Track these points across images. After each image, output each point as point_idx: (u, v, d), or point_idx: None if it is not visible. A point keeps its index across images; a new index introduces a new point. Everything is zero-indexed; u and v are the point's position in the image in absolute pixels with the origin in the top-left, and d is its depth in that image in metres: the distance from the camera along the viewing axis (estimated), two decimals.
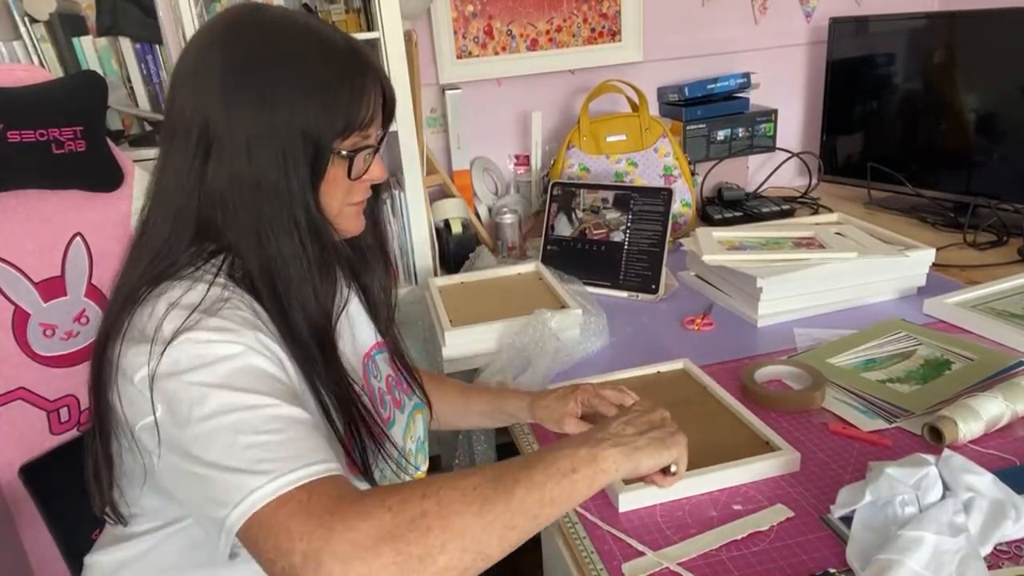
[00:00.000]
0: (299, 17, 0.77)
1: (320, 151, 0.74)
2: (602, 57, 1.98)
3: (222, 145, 0.72)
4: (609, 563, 0.79)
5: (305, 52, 0.73)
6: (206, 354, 0.66)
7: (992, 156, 1.72)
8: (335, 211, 0.79)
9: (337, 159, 0.76)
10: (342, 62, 0.75)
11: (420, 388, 0.99)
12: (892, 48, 1.86)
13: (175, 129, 0.74)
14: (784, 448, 0.91)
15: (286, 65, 0.72)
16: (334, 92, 0.74)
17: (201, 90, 0.72)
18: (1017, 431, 0.95)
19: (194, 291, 0.71)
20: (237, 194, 0.73)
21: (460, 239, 1.79)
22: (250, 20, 0.75)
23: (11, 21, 1.48)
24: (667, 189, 1.55)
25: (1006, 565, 0.73)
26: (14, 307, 1.18)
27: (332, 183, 0.77)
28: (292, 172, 0.73)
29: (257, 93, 0.71)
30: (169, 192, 0.75)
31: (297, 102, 0.72)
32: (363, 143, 0.78)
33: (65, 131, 1.21)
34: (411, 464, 0.91)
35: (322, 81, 0.73)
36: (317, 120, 0.73)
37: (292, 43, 0.73)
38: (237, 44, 0.73)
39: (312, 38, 0.74)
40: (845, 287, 1.34)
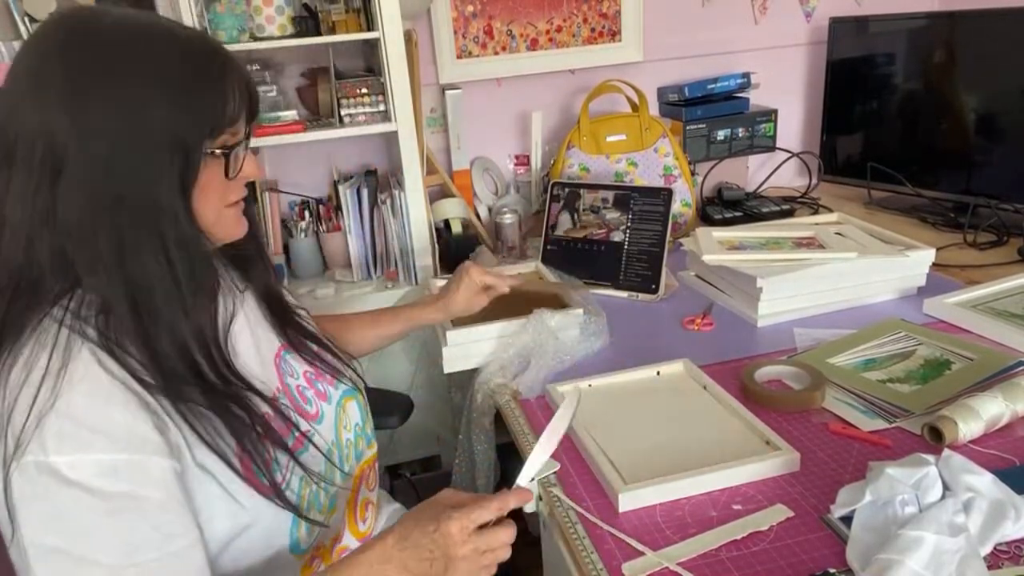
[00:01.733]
0: (142, 16, 0.71)
1: (190, 154, 0.69)
2: (602, 57, 1.98)
3: (74, 164, 0.65)
4: (609, 563, 0.79)
5: (156, 50, 0.68)
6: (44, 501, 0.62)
7: (992, 156, 1.72)
8: (212, 217, 0.74)
9: (211, 160, 0.71)
10: (198, 58, 0.70)
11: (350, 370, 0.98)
12: (892, 48, 1.86)
13: (12, 155, 0.66)
14: (784, 448, 0.91)
15: (139, 67, 0.66)
16: (196, 90, 0.69)
17: (42, 105, 0.65)
18: (1017, 431, 0.95)
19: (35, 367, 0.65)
20: (96, 217, 0.66)
21: (460, 239, 1.79)
22: (88, 23, 0.68)
23: (11, 21, 1.48)
24: (667, 189, 1.55)
25: (1006, 565, 0.73)
26: None
27: (207, 187, 0.72)
28: (158, 181, 0.67)
29: (110, 100, 0.65)
30: (15, 223, 0.67)
31: (158, 105, 0.66)
32: (234, 140, 0.74)
33: None
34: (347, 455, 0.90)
35: (181, 80, 0.68)
36: (182, 122, 0.68)
37: (142, 44, 0.68)
38: (79, 50, 0.66)
39: (162, 36, 0.69)
40: (845, 287, 1.34)
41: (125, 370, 0.67)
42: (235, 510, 0.73)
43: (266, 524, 0.76)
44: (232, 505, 0.72)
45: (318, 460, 0.82)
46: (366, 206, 1.73)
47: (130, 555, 0.64)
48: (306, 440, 0.81)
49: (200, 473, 0.70)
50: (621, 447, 0.96)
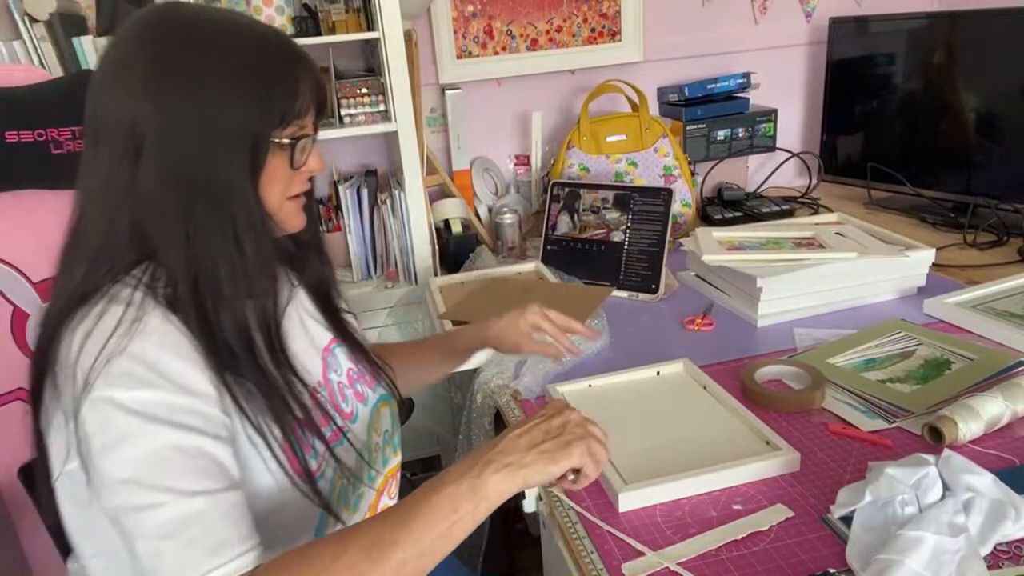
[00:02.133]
0: (221, 11, 0.76)
1: (259, 143, 0.72)
2: (602, 57, 1.98)
3: (153, 145, 0.70)
4: (609, 563, 0.79)
5: (234, 44, 0.72)
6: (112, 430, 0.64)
7: (992, 156, 1.71)
8: (274, 206, 0.77)
9: (277, 150, 0.75)
10: (272, 52, 0.74)
11: (386, 379, 0.98)
12: (892, 48, 1.86)
13: (99, 134, 0.72)
14: (784, 448, 0.91)
15: (216, 58, 0.71)
16: (268, 82, 0.72)
17: (126, 92, 0.70)
18: (1017, 431, 0.95)
19: (108, 316, 0.68)
20: (169, 193, 0.70)
21: (460, 239, 1.79)
22: (172, 17, 0.73)
23: (11, 21, 1.48)
24: (667, 189, 1.55)
25: (1006, 565, 0.73)
26: (13, 307, 1.18)
27: (272, 176, 0.75)
28: (229, 166, 0.71)
29: (188, 88, 0.70)
30: (100, 197, 0.73)
31: (231, 94, 0.70)
32: (301, 132, 0.77)
33: (63, 131, 1.21)
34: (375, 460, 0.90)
35: (255, 72, 0.72)
36: (253, 111, 0.72)
37: (219, 36, 0.72)
38: (162, 41, 0.71)
39: (238, 30, 0.73)
40: (845, 287, 1.34)
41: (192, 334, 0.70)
42: (271, 489, 0.75)
43: (294, 513, 0.77)
44: (270, 483, 0.75)
45: (350, 457, 0.83)
46: (366, 206, 1.73)
47: (197, 483, 0.65)
48: (342, 435, 0.82)
49: (247, 444, 0.73)
50: (621, 447, 0.96)
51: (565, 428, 0.73)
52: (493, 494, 0.68)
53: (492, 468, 0.68)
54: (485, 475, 0.68)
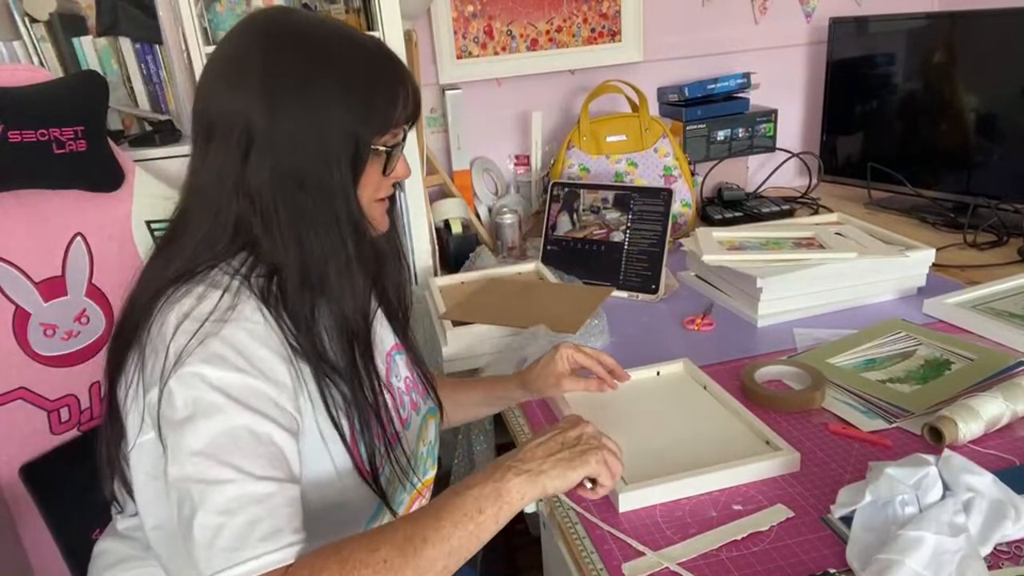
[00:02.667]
0: (327, 20, 0.81)
1: (360, 148, 0.76)
2: (602, 57, 1.98)
3: (264, 143, 0.73)
4: (609, 563, 0.79)
5: (343, 52, 0.76)
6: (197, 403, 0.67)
7: (992, 156, 1.72)
8: (366, 207, 0.81)
9: (374, 155, 0.79)
10: (378, 63, 0.78)
11: (435, 392, 1.00)
12: (892, 48, 1.86)
13: (213, 129, 0.75)
14: (784, 448, 0.91)
15: (327, 66, 0.75)
16: (373, 92, 0.77)
17: (242, 91, 0.74)
18: (1017, 431, 0.95)
19: (206, 300, 0.72)
20: (278, 190, 0.74)
21: (460, 239, 1.79)
22: (285, 22, 0.78)
23: (11, 21, 1.48)
24: (667, 189, 1.55)
25: (1006, 565, 0.73)
26: (15, 307, 1.18)
27: (367, 180, 0.79)
28: (335, 167, 0.75)
29: (300, 92, 0.74)
30: (208, 191, 0.76)
31: (340, 101, 0.74)
32: (394, 141, 0.81)
33: (66, 131, 1.21)
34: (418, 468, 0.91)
35: (362, 81, 0.76)
36: (358, 118, 0.75)
37: (329, 45, 0.76)
38: (276, 47, 0.75)
39: (346, 40, 0.77)
40: (845, 287, 1.34)
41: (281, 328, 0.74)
42: (333, 483, 0.78)
43: (351, 508, 0.79)
44: (333, 477, 0.77)
45: (402, 460, 0.85)
46: None
47: (267, 468, 0.67)
48: (398, 438, 0.84)
49: (317, 439, 0.76)
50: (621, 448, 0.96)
51: (581, 439, 0.76)
52: (515, 498, 0.70)
53: (512, 473, 0.71)
54: (507, 479, 0.70)
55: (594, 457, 0.74)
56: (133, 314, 0.76)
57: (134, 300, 0.77)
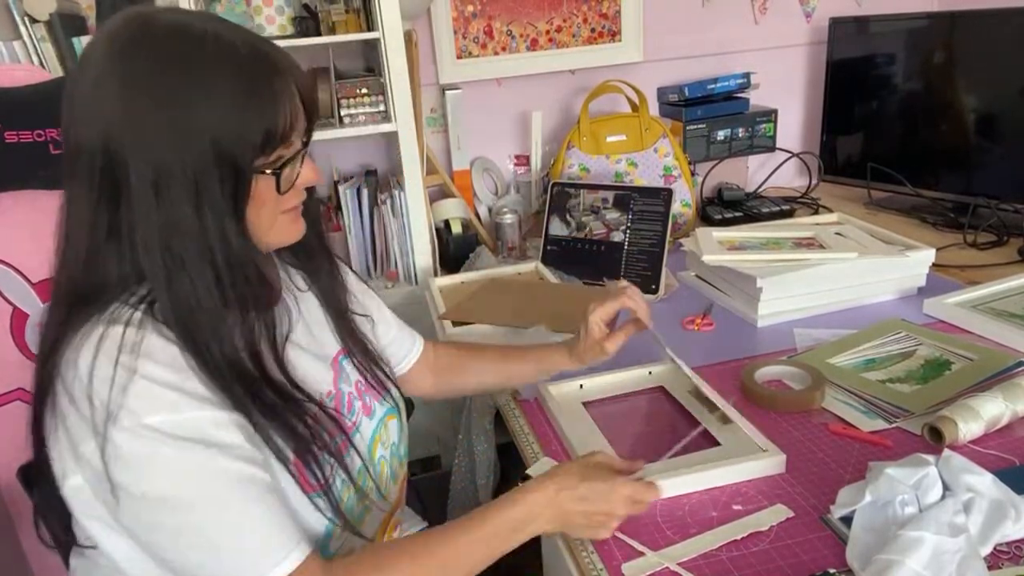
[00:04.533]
0: (195, 22, 0.70)
1: (240, 174, 0.68)
2: (602, 57, 1.98)
3: (129, 185, 0.67)
4: (609, 563, 0.79)
5: (208, 65, 0.67)
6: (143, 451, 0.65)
7: (992, 156, 1.71)
8: (266, 226, 0.75)
9: (262, 177, 0.71)
10: (250, 70, 0.68)
11: (396, 390, 0.97)
12: (892, 48, 1.86)
13: (73, 163, 0.69)
14: (771, 449, 0.91)
15: (188, 83, 0.66)
16: (246, 105, 0.67)
17: (99, 121, 0.67)
18: (1017, 431, 0.95)
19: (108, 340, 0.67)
20: (149, 236, 0.67)
21: (460, 239, 1.79)
22: (143, 35, 0.68)
23: (11, 21, 1.48)
24: (667, 189, 1.55)
25: (1006, 565, 0.73)
26: (12, 308, 1.18)
27: (258, 202, 0.72)
28: (207, 204, 0.67)
29: (161, 120, 0.66)
30: (77, 239, 0.70)
31: (206, 124, 0.66)
32: (288, 154, 0.73)
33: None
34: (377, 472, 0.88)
35: (230, 95, 0.67)
36: (231, 140, 0.67)
37: (191, 58, 0.67)
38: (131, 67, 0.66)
39: (213, 48, 0.68)
40: (845, 287, 1.34)
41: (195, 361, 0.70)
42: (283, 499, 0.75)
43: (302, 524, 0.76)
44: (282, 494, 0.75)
45: (355, 467, 0.82)
46: (366, 206, 1.73)
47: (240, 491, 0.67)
48: (350, 445, 0.82)
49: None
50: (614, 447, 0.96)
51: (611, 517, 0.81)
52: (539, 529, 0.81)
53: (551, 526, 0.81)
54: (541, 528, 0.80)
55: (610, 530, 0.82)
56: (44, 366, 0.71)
57: (41, 352, 0.72)
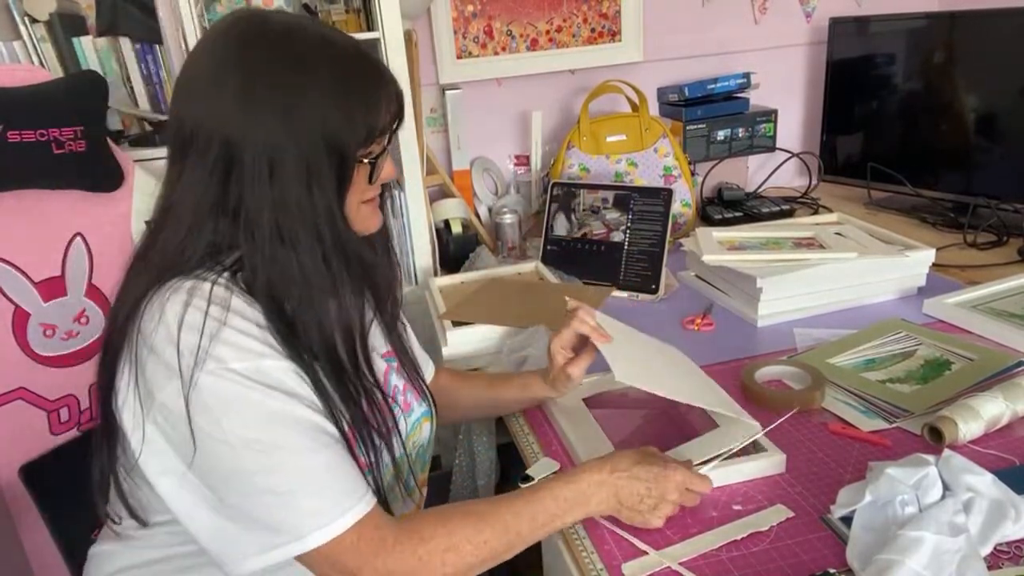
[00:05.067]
0: (306, 25, 0.76)
1: (345, 161, 0.74)
2: (602, 57, 1.98)
3: (243, 163, 0.71)
4: (609, 563, 0.79)
5: (321, 63, 0.73)
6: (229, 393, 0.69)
7: (992, 156, 1.71)
8: (351, 213, 0.79)
9: (359, 168, 0.77)
10: (358, 71, 0.75)
11: (429, 395, 0.99)
12: (892, 48, 1.86)
13: (187, 144, 0.72)
14: (771, 449, 0.91)
15: (304, 78, 0.72)
16: (354, 101, 0.74)
17: (217, 106, 0.71)
18: (1017, 431, 0.95)
19: (197, 295, 0.71)
20: (258, 212, 0.72)
21: (460, 239, 1.79)
22: (260, 32, 0.73)
23: (11, 21, 1.48)
24: (667, 189, 1.55)
25: (1006, 565, 0.73)
26: (14, 307, 1.19)
27: (352, 191, 0.77)
28: (317, 186, 0.72)
29: (278, 108, 0.71)
30: (183, 209, 0.74)
31: (319, 114, 0.72)
32: (379, 148, 0.79)
33: (65, 131, 1.21)
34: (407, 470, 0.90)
35: (342, 91, 0.73)
36: (340, 131, 0.73)
37: (306, 55, 0.73)
38: (251, 60, 0.72)
39: (324, 48, 0.74)
40: (845, 287, 1.34)
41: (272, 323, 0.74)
42: None
43: None
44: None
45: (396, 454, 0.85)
46: None
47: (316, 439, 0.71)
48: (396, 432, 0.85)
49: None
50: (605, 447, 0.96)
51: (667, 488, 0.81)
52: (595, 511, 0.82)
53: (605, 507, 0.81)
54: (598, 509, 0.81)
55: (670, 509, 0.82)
56: (118, 324, 0.74)
57: (116, 312, 0.75)
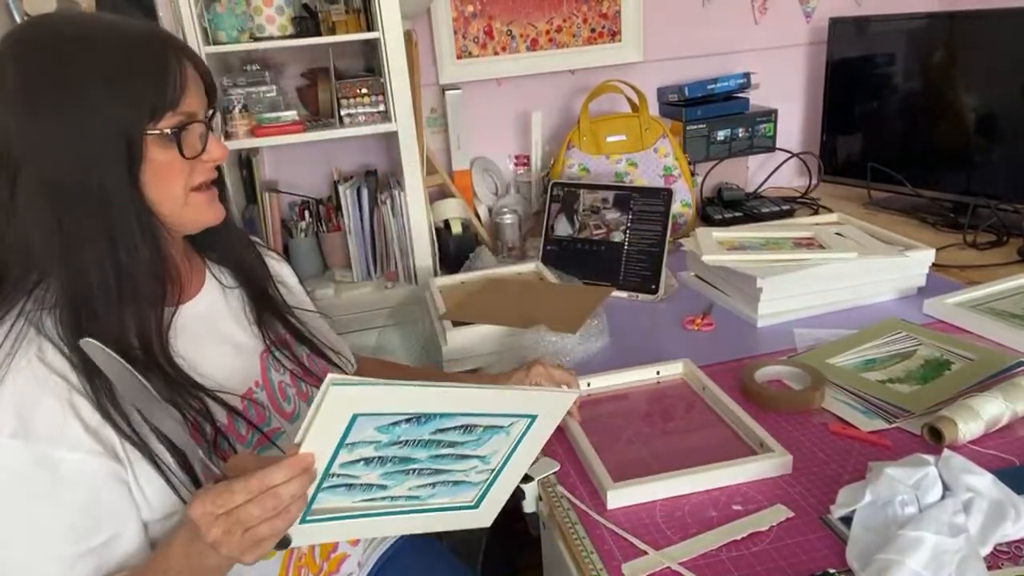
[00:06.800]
0: (88, 16, 0.76)
1: (133, 140, 0.71)
2: (602, 57, 1.98)
3: (28, 160, 0.69)
4: (609, 563, 0.79)
5: (94, 44, 0.71)
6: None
7: (992, 156, 1.72)
8: (179, 201, 0.77)
9: (161, 141, 0.73)
10: (136, 46, 0.72)
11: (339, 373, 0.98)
12: (892, 48, 1.86)
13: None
14: (777, 450, 0.91)
15: (78, 63, 0.70)
16: (133, 77, 0.71)
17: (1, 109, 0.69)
18: (1017, 431, 0.95)
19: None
20: (44, 206, 0.69)
21: (460, 239, 1.79)
22: (37, 29, 0.72)
23: (11, 21, 1.48)
24: (667, 189, 1.55)
25: (1006, 565, 0.73)
26: None
27: (163, 170, 0.74)
28: (103, 169, 0.70)
29: (55, 98, 0.69)
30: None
31: (98, 97, 0.69)
32: (187, 120, 0.75)
33: None
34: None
35: (119, 69, 0.70)
36: (122, 110, 0.70)
37: (82, 41, 0.71)
38: (25, 55, 0.70)
39: (100, 31, 0.72)
40: (845, 287, 1.34)
41: (68, 364, 0.70)
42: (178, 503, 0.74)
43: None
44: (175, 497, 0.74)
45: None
46: (366, 206, 1.73)
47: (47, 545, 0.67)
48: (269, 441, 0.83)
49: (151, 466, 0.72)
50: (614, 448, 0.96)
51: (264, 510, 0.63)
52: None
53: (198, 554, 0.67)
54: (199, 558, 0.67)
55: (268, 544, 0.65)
56: None
57: None
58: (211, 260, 0.92)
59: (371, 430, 0.64)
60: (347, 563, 0.98)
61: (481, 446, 0.73)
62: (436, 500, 0.76)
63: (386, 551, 1.07)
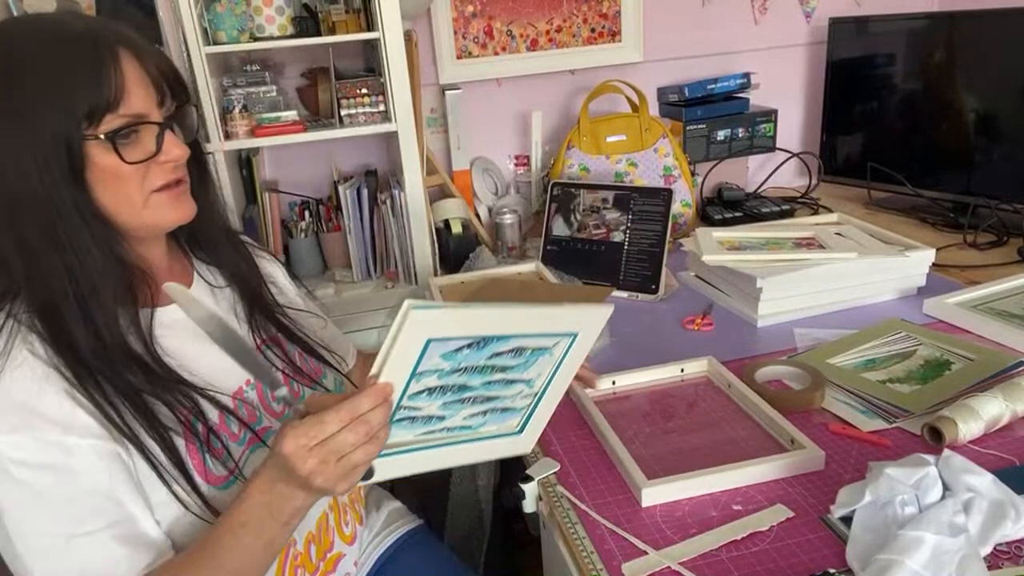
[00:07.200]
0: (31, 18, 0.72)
1: (72, 146, 0.69)
2: (602, 57, 1.98)
3: None
4: (609, 563, 0.79)
5: (25, 49, 0.69)
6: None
7: (992, 156, 1.71)
8: (136, 204, 0.75)
9: (100, 147, 0.71)
10: (70, 47, 0.69)
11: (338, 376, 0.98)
12: (892, 48, 1.86)
13: None
14: (809, 446, 0.91)
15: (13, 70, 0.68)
16: (66, 79, 0.68)
17: None
18: (1017, 431, 0.95)
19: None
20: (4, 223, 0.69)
21: (460, 239, 1.79)
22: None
23: None
24: (667, 189, 1.55)
25: (1006, 565, 0.73)
26: None
27: (113, 174, 0.72)
28: (45, 178, 0.68)
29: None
30: None
31: (33, 103, 0.68)
32: (135, 122, 0.72)
33: None
34: None
35: (51, 73, 0.68)
36: (58, 114, 0.68)
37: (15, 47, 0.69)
38: None
39: (36, 34, 0.70)
40: (845, 287, 1.34)
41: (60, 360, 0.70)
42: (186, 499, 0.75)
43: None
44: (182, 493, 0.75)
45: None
46: (366, 206, 1.73)
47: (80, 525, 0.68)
48: (260, 440, 0.83)
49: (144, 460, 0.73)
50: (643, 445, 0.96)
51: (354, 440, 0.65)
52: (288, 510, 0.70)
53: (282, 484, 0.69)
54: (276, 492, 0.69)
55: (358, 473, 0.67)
56: None
57: None
58: (199, 260, 0.92)
59: (437, 357, 0.66)
60: (343, 562, 0.97)
61: (527, 369, 0.75)
62: (486, 428, 0.78)
63: (386, 551, 1.07)
